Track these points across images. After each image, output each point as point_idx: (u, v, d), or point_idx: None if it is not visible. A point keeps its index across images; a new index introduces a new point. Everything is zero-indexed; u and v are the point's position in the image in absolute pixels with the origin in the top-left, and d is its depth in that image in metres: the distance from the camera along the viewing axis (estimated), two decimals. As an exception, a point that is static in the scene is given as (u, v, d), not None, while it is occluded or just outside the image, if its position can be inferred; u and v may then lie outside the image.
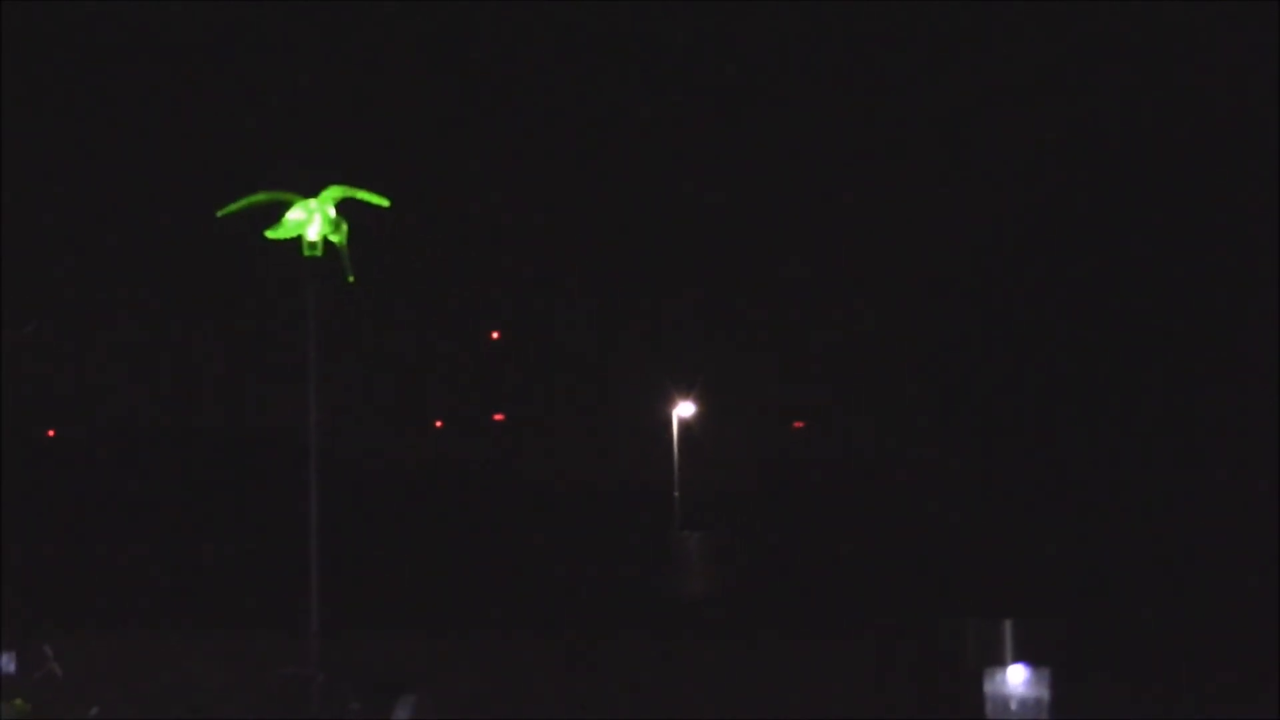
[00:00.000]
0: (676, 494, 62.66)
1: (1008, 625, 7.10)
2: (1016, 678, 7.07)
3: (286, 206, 9.05)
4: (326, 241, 9.04)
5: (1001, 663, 7.10)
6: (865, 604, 22.31)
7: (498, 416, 70.81)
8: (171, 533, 47.83)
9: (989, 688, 7.08)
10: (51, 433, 64.50)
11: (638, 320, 70.82)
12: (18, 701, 10.42)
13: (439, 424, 71.41)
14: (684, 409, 65.87)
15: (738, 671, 18.18)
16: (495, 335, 71.93)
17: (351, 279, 9.24)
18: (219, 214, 9.13)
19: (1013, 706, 6.93)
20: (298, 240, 9.05)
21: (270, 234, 9.07)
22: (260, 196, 9.07)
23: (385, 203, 9.18)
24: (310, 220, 9.02)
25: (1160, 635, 16.45)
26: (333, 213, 9.06)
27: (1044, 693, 7.04)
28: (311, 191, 9.06)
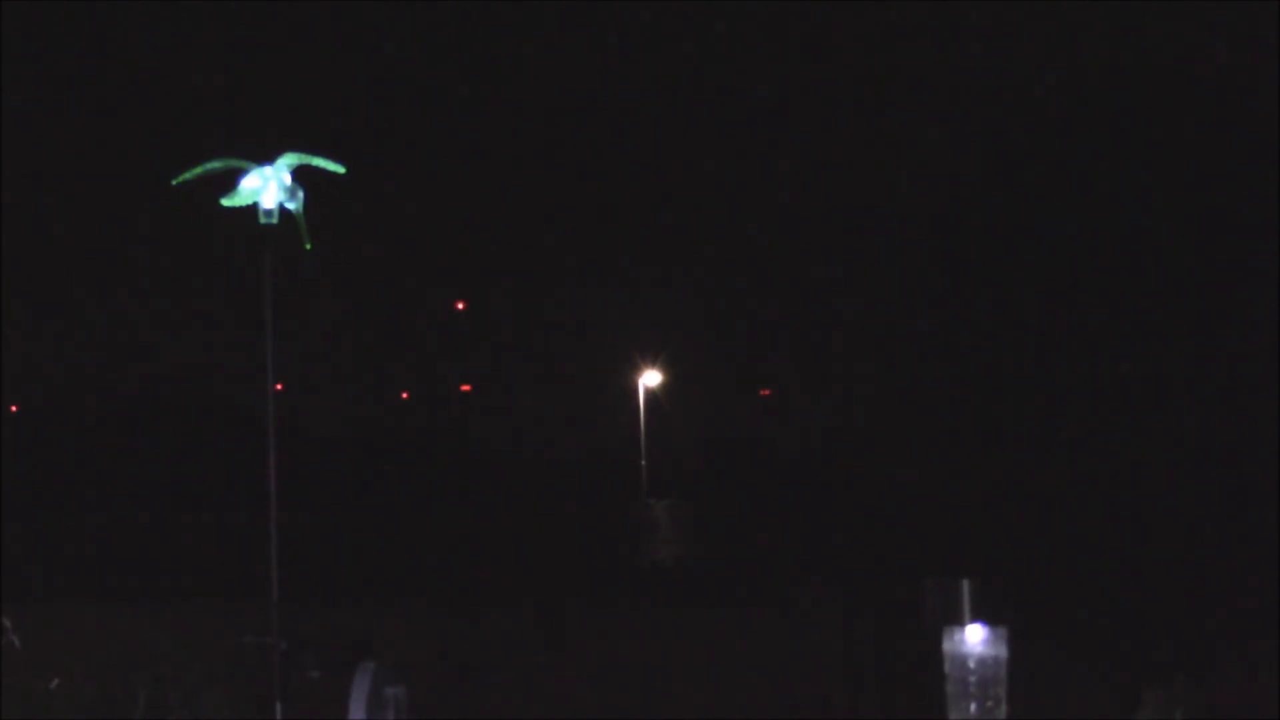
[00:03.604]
0: (643, 463, 62.78)
1: (965, 584, 7.14)
2: (974, 637, 7.11)
3: (242, 174, 9.00)
4: (283, 209, 8.99)
5: (959, 622, 7.14)
6: (829, 568, 22.40)
7: (464, 387, 70.84)
8: (131, 503, 47.73)
9: (947, 646, 7.12)
10: (15, 408, 64.29)
11: (604, 289, 70.77)
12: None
13: (405, 395, 71.38)
14: (650, 378, 65.94)
15: (702, 640, 18.23)
16: (460, 305, 71.89)
17: (309, 247, 9.20)
18: (173, 182, 9.07)
19: (970, 665, 6.97)
20: (253, 208, 9.01)
21: (225, 202, 9.01)
22: (215, 164, 9.02)
23: (342, 170, 9.14)
24: (266, 188, 8.97)
25: (1120, 597, 16.57)
26: (289, 180, 9.01)
27: (1001, 651, 7.09)
28: (267, 158, 9.01)
